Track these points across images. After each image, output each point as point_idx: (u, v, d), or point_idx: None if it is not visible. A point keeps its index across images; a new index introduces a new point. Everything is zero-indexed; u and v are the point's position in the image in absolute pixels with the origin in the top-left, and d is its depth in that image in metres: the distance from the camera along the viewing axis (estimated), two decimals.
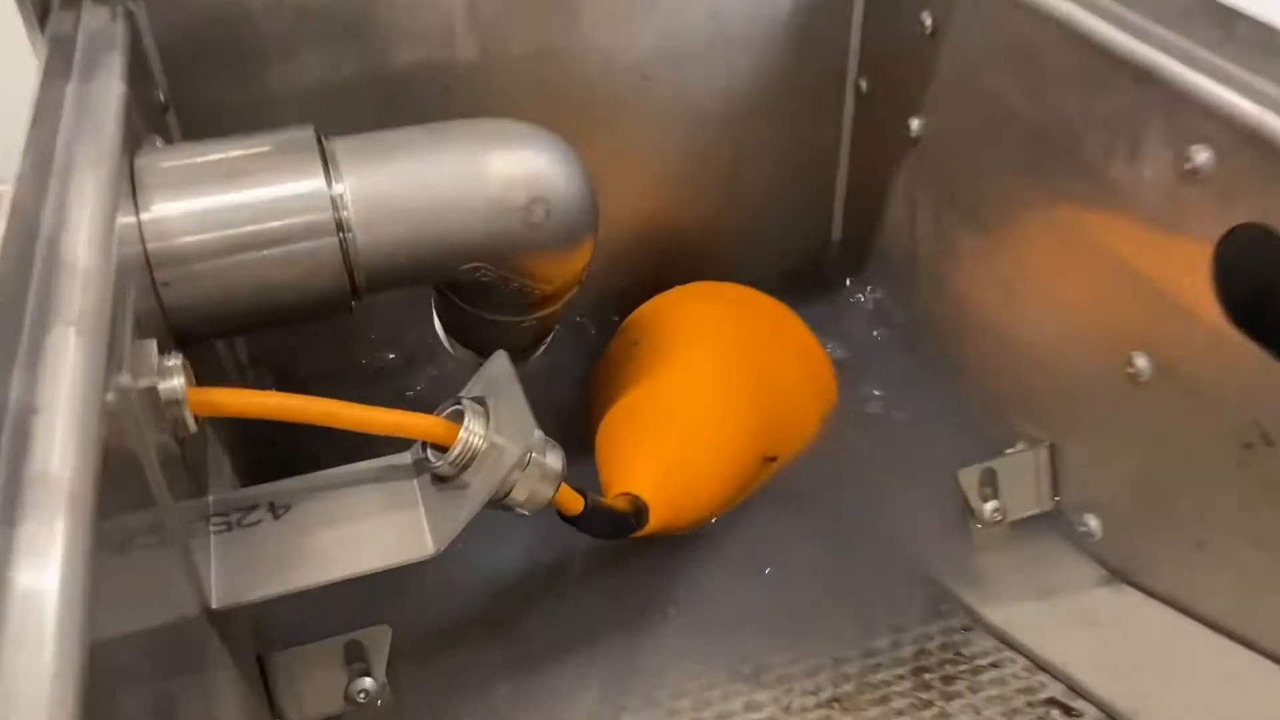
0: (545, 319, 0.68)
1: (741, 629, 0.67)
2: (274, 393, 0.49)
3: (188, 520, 0.49)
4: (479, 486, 0.51)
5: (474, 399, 0.54)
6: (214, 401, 0.47)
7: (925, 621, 0.67)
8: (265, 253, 0.56)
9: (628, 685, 0.63)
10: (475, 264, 0.60)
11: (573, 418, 0.82)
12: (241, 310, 0.56)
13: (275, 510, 0.54)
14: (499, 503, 0.53)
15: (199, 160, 0.56)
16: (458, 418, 0.53)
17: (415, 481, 0.54)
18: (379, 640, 0.59)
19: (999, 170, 0.71)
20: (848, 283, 0.91)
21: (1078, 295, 0.66)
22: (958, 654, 0.64)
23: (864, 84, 0.85)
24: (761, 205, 0.89)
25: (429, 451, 0.53)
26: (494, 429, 0.52)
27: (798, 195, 0.90)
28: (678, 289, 0.83)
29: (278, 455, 0.78)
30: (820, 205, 0.92)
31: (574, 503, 0.57)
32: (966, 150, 0.74)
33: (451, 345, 0.76)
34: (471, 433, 0.52)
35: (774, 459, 0.75)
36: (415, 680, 0.63)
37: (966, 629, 0.66)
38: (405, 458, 0.56)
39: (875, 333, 0.87)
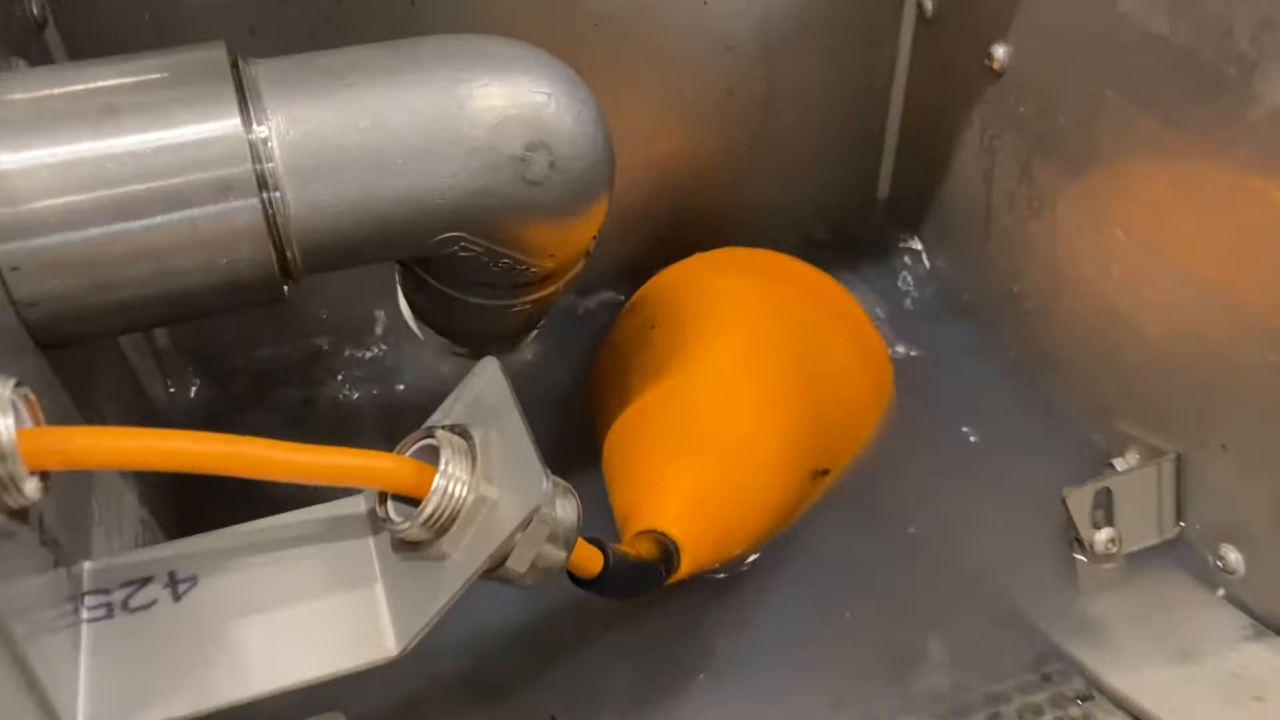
0: (541, 301, 0.53)
1: (796, 702, 0.52)
2: (156, 431, 0.33)
3: (37, 611, 0.34)
4: (462, 561, 0.36)
5: (453, 428, 0.38)
6: (59, 450, 0.31)
7: (1030, 689, 0.52)
8: (158, 221, 0.40)
9: None
10: (452, 235, 0.44)
11: (570, 418, 0.67)
12: (127, 302, 0.41)
13: (175, 585, 0.38)
14: (488, 574, 0.38)
15: (64, 90, 0.40)
16: (430, 456, 0.37)
17: (372, 543, 0.39)
18: None
19: (1121, 108, 0.55)
20: (896, 250, 0.76)
21: (1237, 269, 0.51)
22: None
23: (929, 4, 0.69)
24: (796, 155, 0.74)
25: (390, 506, 0.37)
26: (484, 475, 0.37)
27: (839, 143, 0.75)
28: (699, 256, 0.67)
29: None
30: (865, 156, 0.76)
31: (592, 562, 0.42)
32: (1073, 84, 0.58)
33: (420, 329, 0.60)
34: (452, 479, 0.36)
35: (825, 473, 0.60)
36: None
37: (1084, 699, 0.52)
38: (358, 504, 0.41)
39: (932, 313, 0.72)
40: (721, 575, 0.58)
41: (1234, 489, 0.54)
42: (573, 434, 0.65)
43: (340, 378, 0.68)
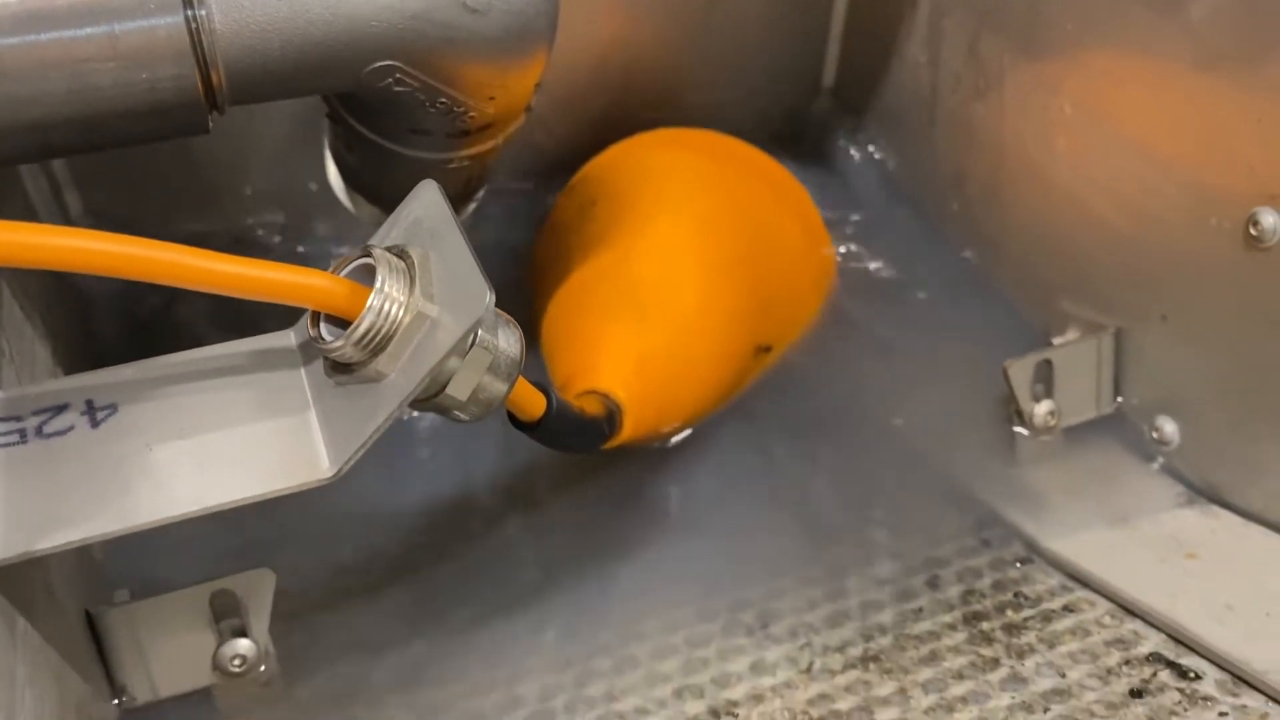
0: (480, 157, 0.51)
1: (739, 567, 0.52)
2: (59, 229, 0.31)
3: None
4: (399, 379, 0.34)
5: (391, 249, 0.36)
6: None
7: (969, 554, 0.52)
8: (69, 35, 0.37)
9: (595, 642, 0.48)
10: (386, 64, 0.42)
11: (509, 304, 0.65)
12: (39, 121, 0.38)
13: (94, 413, 0.36)
14: (428, 402, 0.36)
15: None
16: (366, 276, 0.36)
17: (304, 374, 0.37)
18: (258, 588, 0.43)
19: None
20: (841, 138, 0.75)
21: (1185, 139, 0.51)
22: (1019, 595, 0.50)
23: None
24: (740, 41, 0.72)
25: (323, 327, 0.36)
26: (422, 293, 0.35)
27: (784, 29, 0.73)
28: (641, 136, 0.65)
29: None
30: (811, 43, 0.75)
31: (534, 404, 0.41)
32: None
33: (351, 199, 0.58)
34: (388, 298, 0.35)
35: (769, 349, 0.60)
36: (308, 640, 0.47)
37: (1023, 562, 0.52)
38: (288, 337, 0.39)
39: (878, 197, 0.71)
40: (658, 448, 0.57)
41: (1172, 360, 0.54)
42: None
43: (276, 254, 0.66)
